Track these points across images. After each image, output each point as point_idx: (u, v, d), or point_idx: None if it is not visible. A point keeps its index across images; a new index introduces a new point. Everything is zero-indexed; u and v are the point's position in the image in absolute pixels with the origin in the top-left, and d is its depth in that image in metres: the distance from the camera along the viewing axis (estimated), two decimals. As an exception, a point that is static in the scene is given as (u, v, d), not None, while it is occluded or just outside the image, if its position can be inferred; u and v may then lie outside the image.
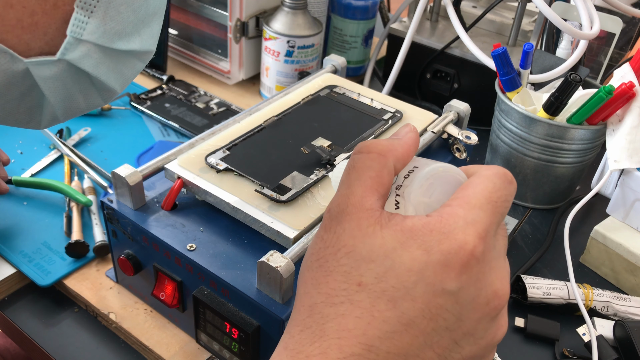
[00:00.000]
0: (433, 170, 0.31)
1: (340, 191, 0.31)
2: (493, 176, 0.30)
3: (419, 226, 0.28)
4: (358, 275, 0.28)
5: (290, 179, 0.53)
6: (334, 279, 0.28)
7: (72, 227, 0.63)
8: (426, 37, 0.93)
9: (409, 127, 0.34)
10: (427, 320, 0.27)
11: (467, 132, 0.63)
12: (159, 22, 0.34)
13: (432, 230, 0.28)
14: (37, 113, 0.32)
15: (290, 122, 0.62)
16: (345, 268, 0.28)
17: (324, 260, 0.29)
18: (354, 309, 0.27)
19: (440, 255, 0.27)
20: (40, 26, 0.28)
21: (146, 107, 0.87)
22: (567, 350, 0.58)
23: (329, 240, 0.30)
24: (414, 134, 0.33)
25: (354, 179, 0.31)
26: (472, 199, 0.29)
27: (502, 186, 0.30)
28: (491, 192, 0.30)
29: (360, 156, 0.31)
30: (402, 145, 0.32)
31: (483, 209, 0.29)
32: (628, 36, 0.90)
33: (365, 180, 0.30)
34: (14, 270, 0.59)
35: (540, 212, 0.77)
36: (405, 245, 0.28)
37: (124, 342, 0.56)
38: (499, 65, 0.69)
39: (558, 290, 0.61)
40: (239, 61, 0.94)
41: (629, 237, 0.65)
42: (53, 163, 0.75)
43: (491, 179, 0.30)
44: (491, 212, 0.29)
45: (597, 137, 0.70)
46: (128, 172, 0.51)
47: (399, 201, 0.31)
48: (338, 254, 0.29)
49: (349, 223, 0.29)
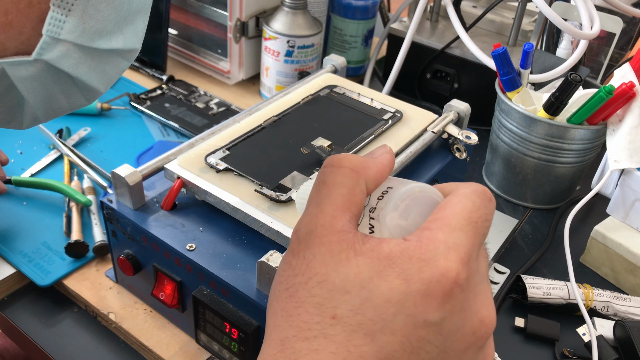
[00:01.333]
0: (409, 191, 0.29)
1: (309, 210, 0.28)
2: (472, 194, 0.28)
3: (397, 252, 0.26)
4: (332, 307, 0.26)
5: (290, 179, 0.53)
6: (306, 310, 0.26)
7: (72, 227, 0.63)
8: (426, 37, 0.93)
9: (385, 147, 0.32)
10: (408, 353, 0.25)
11: (467, 132, 0.63)
12: (144, 19, 0.33)
13: (412, 257, 0.26)
14: (17, 113, 0.31)
15: (290, 122, 0.62)
16: (317, 299, 0.26)
17: (294, 290, 0.27)
18: (329, 343, 0.25)
19: (420, 284, 0.25)
20: (15, 25, 0.27)
21: (146, 107, 0.87)
22: (567, 351, 0.57)
23: (298, 267, 0.27)
24: (390, 155, 0.31)
25: (324, 196, 0.28)
26: (452, 221, 0.27)
27: (481, 204, 0.28)
28: (471, 211, 0.27)
29: (331, 170, 0.29)
30: (376, 164, 0.30)
31: (464, 230, 0.27)
32: (628, 36, 0.90)
33: (336, 197, 0.28)
34: (13, 271, 0.59)
35: (540, 212, 0.77)
36: (383, 274, 0.26)
37: (124, 342, 0.56)
38: (499, 65, 0.69)
39: (558, 290, 0.61)
40: (239, 61, 0.94)
41: (629, 237, 0.65)
42: (53, 163, 0.75)
43: (470, 197, 0.28)
44: (472, 234, 0.27)
45: (598, 137, 0.70)
46: (128, 172, 0.51)
47: (374, 225, 0.29)
48: (309, 283, 0.27)
49: (319, 247, 0.27)
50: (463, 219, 0.27)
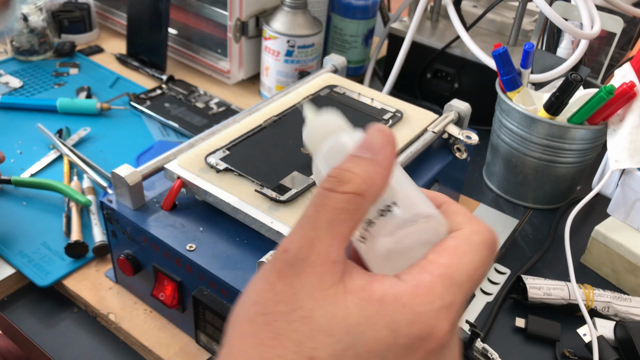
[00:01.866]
0: (413, 219, 0.27)
1: (304, 231, 0.26)
2: (481, 246, 0.27)
3: (389, 298, 0.25)
4: (312, 348, 0.24)
5: (290, 179, 0.53)
6: (283, 345, 0.24)
7: (72, 228, 0.63)
8: (426, 36, 0.93)
9: (383, 134, 0.28)
10: None
11: (468, 132, 0.63)
12: None
13: (405, 305, 0.25)
14: None
15: (290, 122, 0.62)
16: (297, 335, 0.24)
17: (272, 318, 0.25)
18: None
19: (407, 339, 0.24)
20: None
21: (146, 107, 0.87)
22: (568, 351, 0.57)
23: (283, 294, 0.25)
24: (392, 146, 0.27)
25: (324, 221, 0.26)
26: (455, 274, 0.26)
27: (487, 260, 0.27)
28: (476, 267, 0.26)
29: (333, 195, 0.26)
30: (381, 175, 0.27)
31: (463, 287, 0.26)
32: (629, 36, 0.90)
33: (336, 226, 0.26)
34: (13, 271, 0.59)
35: (540, 212, 0.77)
36: (372, 321, 0.24)
37: (124, 342, 0.56)
38: (499, 65, 0.69)
39: (559, 290, 0.61)
40: (239, 61, 0.94)
41: (630, 237, 0.65)
42: (52, 163, 0.75)
43: (479, 250, 0.27)
44: (468, 291, 0.26)
45: (598, 137, 0.70)
46: (127, 172, 0.51)
47: (366, 237, 0.28)
48: (292, 316, 0.25)
49: (310, 278, 0.25)
50: (467, 274, 0.26)
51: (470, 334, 0.54)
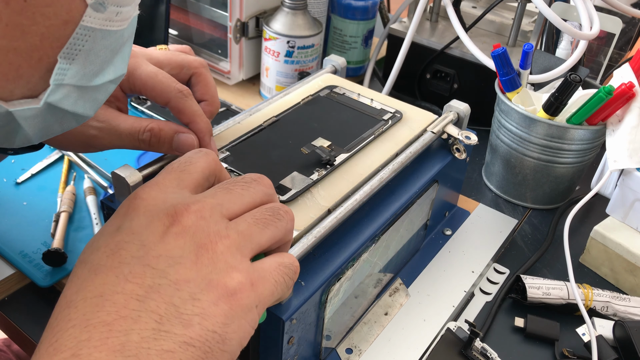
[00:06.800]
0: None
1: None
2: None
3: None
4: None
5: (290, 179, 0.53)
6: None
7: (56, 234, 0.62)
8: (426, 37, 0.93)
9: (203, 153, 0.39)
10: (110, 258, 0.31)
11: (467, 133, 0.63)
12: (129, 45, 0.35)
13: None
14: (11, 137, 0.33)
15: (290, 122, 0.62)
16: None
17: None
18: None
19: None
20: (24, 77, 0.29)
21: (146, 107, 0.87)
22: (567, 351, 0.58)
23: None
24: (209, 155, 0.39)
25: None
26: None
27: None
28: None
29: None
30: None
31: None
32: (628, 36, 0.90)
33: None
34: (13, 271, 0.59)
35: (539, 212, 0.77)
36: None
37: (124, 342, 0.56)
38: (498, 66, 0.69)
39: (558, 290, 0.61)
40: (239, 61, 0.94)
41: (629, 237, 0.65)
42: (53, 163, 0.75)
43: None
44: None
45: (597, 138, 0.70)
46: (128, 172, 0.51)
47: None
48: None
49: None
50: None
51: (469, 334, 0.54)
